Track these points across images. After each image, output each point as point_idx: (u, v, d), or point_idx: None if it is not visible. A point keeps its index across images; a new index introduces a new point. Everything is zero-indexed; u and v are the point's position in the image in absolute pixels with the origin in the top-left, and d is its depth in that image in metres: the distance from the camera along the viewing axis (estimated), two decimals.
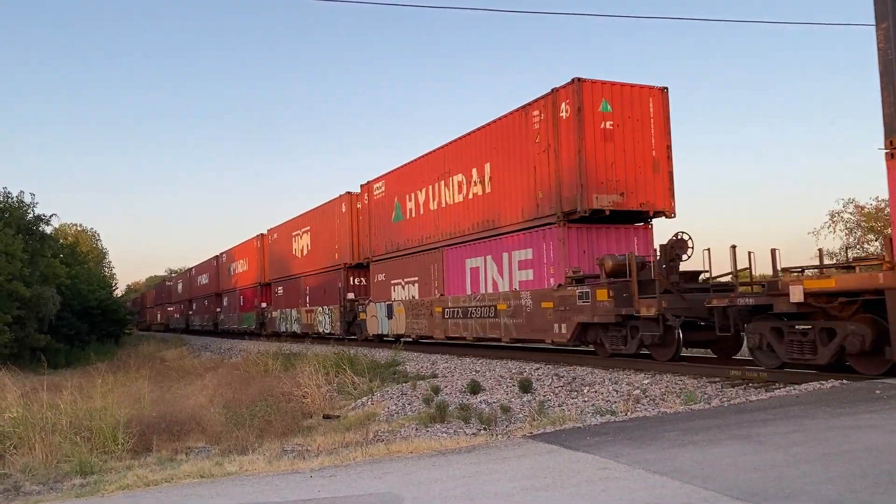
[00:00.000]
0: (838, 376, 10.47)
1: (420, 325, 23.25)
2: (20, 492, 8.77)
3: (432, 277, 22.76)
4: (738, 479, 5.12)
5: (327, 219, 32.39)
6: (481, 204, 20.26)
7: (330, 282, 31.57)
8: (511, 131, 18.79)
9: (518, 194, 18.47)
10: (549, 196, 17.13)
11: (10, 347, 28.24)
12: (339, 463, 7.36)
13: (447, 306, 21.57)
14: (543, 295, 17.08)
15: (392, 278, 25.72)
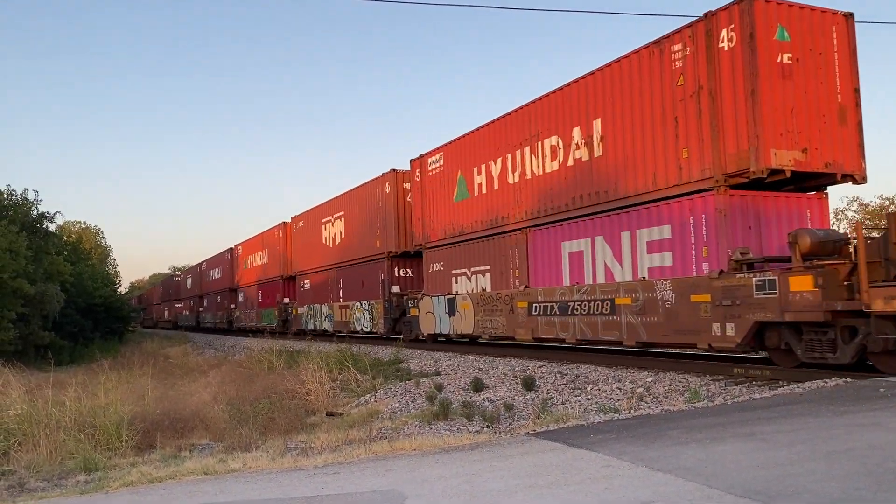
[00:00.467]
0: (842, 374, 10.45)
1: (495, 324, 19.14)
2: (25, 488, 8.80)
3: (511, 266, 18.72)
4: (742, 477, 5.11)
5: (366, 202, 28.42)
6: (586, 172, 16.19)
7: (369, 274, 27.87)
8: (635, 76, 14.88)
9: (646, 155, 14.56)
10: (700, 155, 13.34)
11: (14, 344, 28.30)
12: (343, 460, 7.37)
13: (536, 301, 17.43)
14: (694, 285, 13.19)
15: (453, 268, 21.65)
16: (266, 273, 42.46)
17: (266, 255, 42.76)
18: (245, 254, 47.91)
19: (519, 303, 18.13)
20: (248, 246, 47.51)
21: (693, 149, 13.52)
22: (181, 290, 72.00)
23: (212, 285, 57.15)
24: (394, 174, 26.34)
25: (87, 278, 46.98)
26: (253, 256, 45.71)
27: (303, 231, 36.68)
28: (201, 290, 61.66)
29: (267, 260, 42.53)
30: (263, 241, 43.54)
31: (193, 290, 64.69)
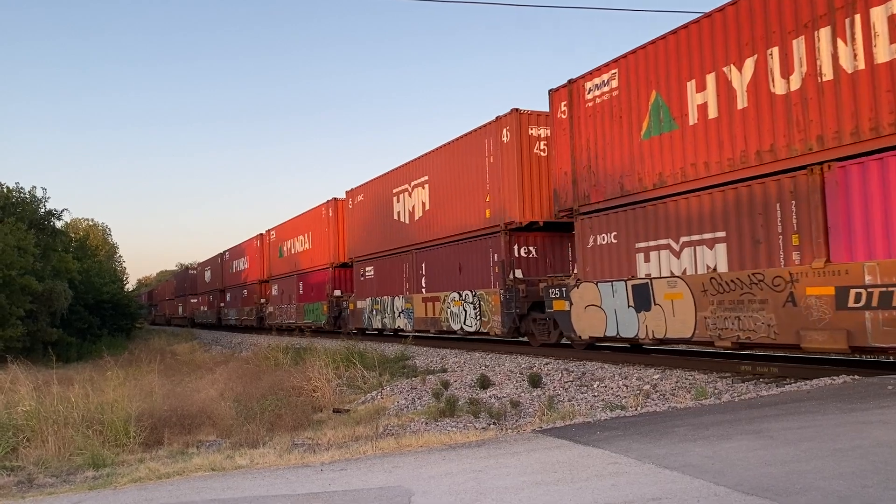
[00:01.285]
0: (850, 371, 10.42)
1: (749, 323, 12.04)
2: (34, 484, 8.85)
3: (780, 228, 11.72)
4: (749, 474, 5.10)
5: (467, 160, 21.41)
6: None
7: (472, 254, 21.11)
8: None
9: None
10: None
11: (22, 341, 28.43)
12: (350, 457, 7.40)
13: (859, 283, 10.39)
14: None
15: (640, 239, 14.52)
16: (310, 261, 36.06)
17: (309, 240, 36.42)
18: (281, 239, 41.46)
19: (811, 288, 11.09)
20: (283, 230, 41.17)
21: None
22: (198, 284, 65.33)
23: (237, 277, 50.05)
24: (516, 115, 19.12)
25: (94, 275, 47.13)
26: (291, 242, 39.47)
27: (363, 207, 29.77)
28: (223, 282, 54.85)
29: (310, 245, 36.25)
30: (306, 223, 37.14)
31: (213, 284, 57.53)
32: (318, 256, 34.85)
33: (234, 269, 50.71)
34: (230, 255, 53.51)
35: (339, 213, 32.89)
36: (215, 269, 58.35)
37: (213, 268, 58.35)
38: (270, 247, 44.02)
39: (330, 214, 33.55)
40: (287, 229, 40.50)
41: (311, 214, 36.36)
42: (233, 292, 52.96)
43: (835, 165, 10.92)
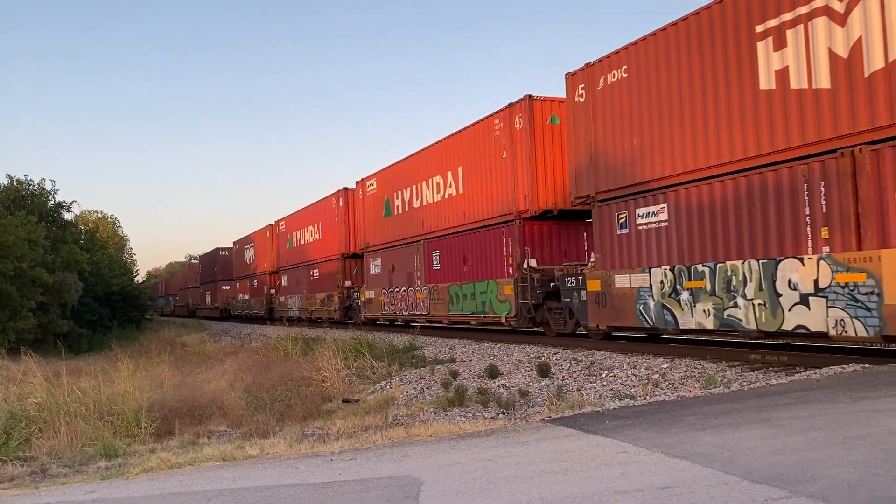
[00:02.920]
0: (860, 360, 10.39)
1: None
2: (47, 474, 8.92)
3: None
4: (759, 463, 5.11)
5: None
6: None
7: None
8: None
9: None
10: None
11: (33, 333, 28.65)
12: (359, 446, 7.43)
13: None
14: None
15: None
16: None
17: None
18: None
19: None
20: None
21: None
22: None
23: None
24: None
25: (104, 267, 47.40)
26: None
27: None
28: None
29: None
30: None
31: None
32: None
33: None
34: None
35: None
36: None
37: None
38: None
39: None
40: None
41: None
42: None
43: None
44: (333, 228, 33.91)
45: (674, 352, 14.12)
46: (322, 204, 35.84)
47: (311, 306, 36.56)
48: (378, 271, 28.74)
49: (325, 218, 35.19)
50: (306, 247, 38.06)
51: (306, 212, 38.52)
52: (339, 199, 33.33)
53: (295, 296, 40.10)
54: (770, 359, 12.14)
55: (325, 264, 35.04)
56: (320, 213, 35.93)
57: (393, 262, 27.28)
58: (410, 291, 25.58)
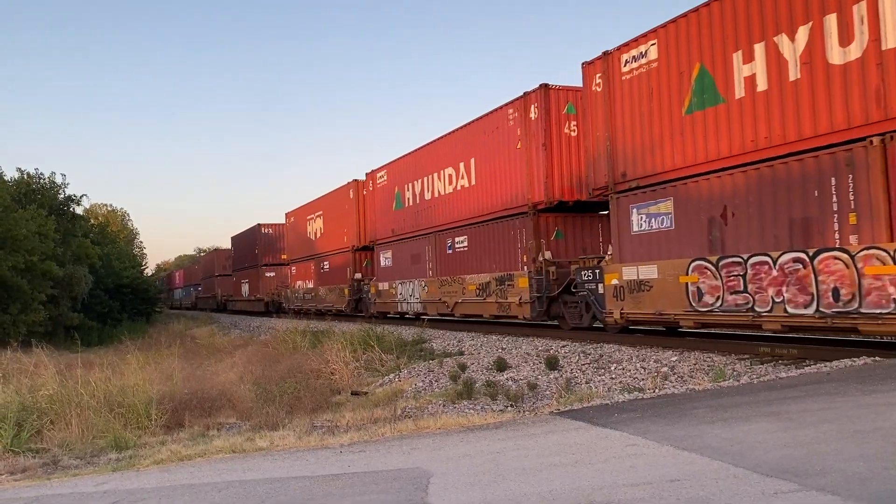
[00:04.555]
0: (871, 353, 10.33)
1: None
2: (59, 466, 8.99)
3: None
4: (768, 456, 5.09)
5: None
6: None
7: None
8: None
9: None
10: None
11: (44, 325, 28.82)
12: (368, 439, 7.46)
13: None
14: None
15: None
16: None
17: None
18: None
19: None
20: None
21: None
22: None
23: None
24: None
25: (114, 260, 47.62)
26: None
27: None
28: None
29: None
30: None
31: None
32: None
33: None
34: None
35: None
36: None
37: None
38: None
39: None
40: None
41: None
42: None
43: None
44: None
45: (683, 345, 14.09)
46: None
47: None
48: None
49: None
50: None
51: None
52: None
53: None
54: (780, 352, 12.09)
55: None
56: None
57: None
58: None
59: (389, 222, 28.31)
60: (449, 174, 23.27)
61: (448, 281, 23.04)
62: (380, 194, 29.41)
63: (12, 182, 33.37)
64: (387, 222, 28.59)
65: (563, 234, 18.99)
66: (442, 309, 23.45)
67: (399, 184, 27.41)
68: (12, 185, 32.66)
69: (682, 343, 14.22)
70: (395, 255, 27.69)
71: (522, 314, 18.97)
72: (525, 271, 18.88)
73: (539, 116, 18.46)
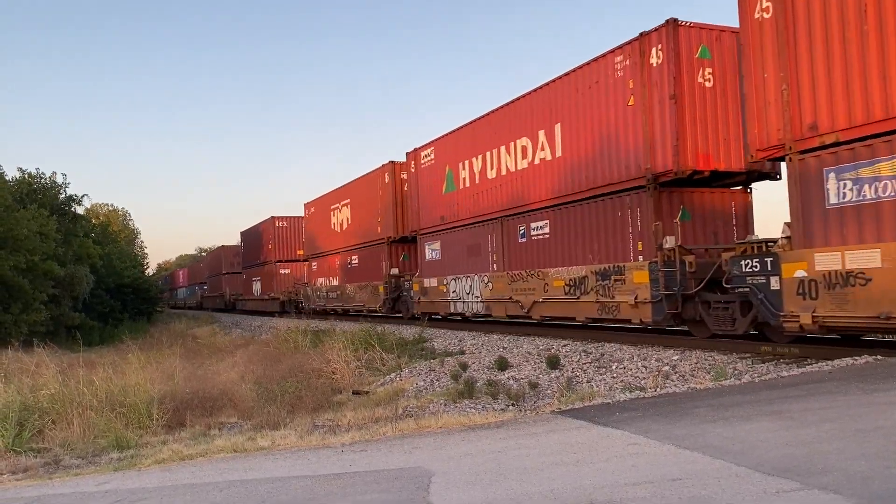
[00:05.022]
0: (872, 352, 10.32)
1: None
2: (60, 465, 9.00)
3: None
4: (770, 455, 5.09)
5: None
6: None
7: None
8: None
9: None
10: None
11: (46, 325, 28.84)
12: (370, 438, 7.46)
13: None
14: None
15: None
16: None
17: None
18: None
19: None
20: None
21: None
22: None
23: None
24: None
25: (115, 259, 47.66)
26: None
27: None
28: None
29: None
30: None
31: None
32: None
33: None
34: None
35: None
36: None
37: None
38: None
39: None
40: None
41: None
42: None
43: None
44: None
45: (684, 343, 14.09)
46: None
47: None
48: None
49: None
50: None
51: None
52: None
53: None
54: (781, 350, 12.08)
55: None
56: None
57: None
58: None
59: (437, 208, 23.99)
60: (522, 146, 19.06)
61: (522, 276, 18.94)
62: (425, 176, 24.98)
63: (13, 182, 33.39)
64: (434, 208, 24.27)
65: (691, 214, 14.90)
66: (513, 310, 19.44)
67: (451, 162, 23.11)
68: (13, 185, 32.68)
69: (683, 342, 14.21)
70: (446, 247, 23.59)
71: (639, 317, 14.80)
72: (642, 262, 14.73)
73: (665, 61, 14.38)
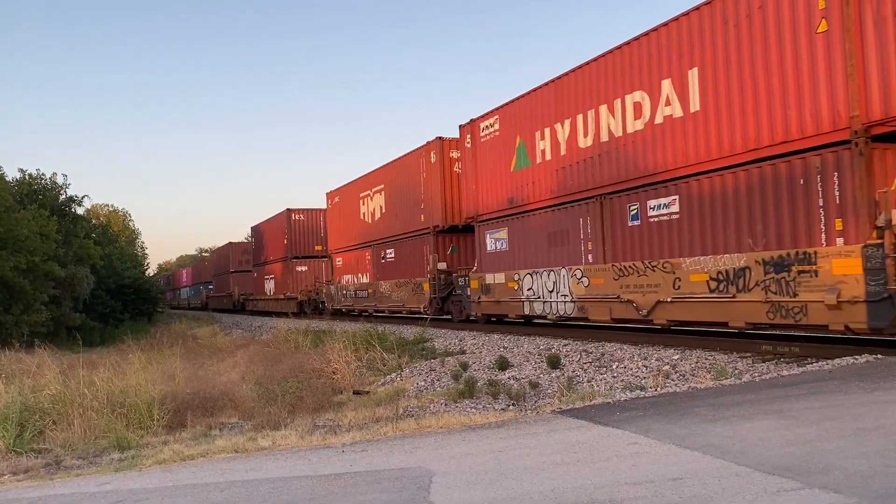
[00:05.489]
0: (872, 351, 10.32)
1: None
2: (61, 466, 9.00)
3: None
4: (771, 454, 5.09)
5: None
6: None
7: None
8: None
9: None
10: None
11: (46, 326, 28.86)
12: (370, 438, 7.46)
13: None
14: None
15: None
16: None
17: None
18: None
19: None
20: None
21: None
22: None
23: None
24: None
25: (116, 260, 47.68)
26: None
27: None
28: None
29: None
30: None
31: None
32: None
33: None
34: None
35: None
36: None
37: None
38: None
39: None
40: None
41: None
42: None
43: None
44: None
45: (684, 343, 14.09)
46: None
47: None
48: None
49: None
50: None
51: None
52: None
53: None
54: (782, 350, 12.08)
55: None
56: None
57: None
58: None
59: (504, 189, 19.93)
60: (635, 103, 15.07)
61: (636, 269, 14.91)
62: (486, 151, 20.84)
63: (14, 182, 33.42)
64: (499, 189, 20.22)
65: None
66: (622, 312, 15.40)
67: (523, 131, 18.95)
68: (14, 186, 32.70)
69: (683, 341, 14.21)
70: (516, 235, 19.43)
71: (844, 322, 10.76)
72: (848, 247, 10.65)
73: None
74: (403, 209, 26.78)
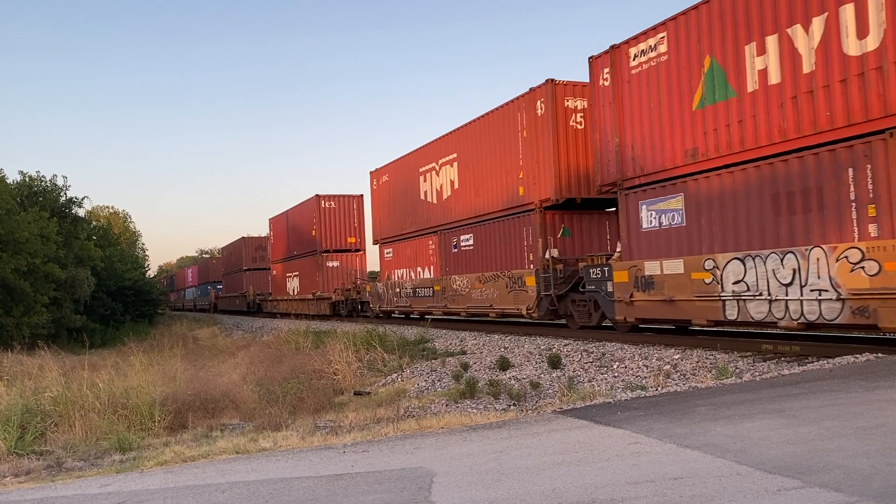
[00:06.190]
0: (873, 350, 10.33)
1: None
2: (62, 468, 9.00)
3: None
4: (771, 453, 5.10)
5: None
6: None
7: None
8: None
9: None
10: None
11: (47, 328, 28.89)
12: (371, 438, 7.46)
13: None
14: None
15: None
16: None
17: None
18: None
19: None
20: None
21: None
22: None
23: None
24: None
25: (116, 262, 47.72)
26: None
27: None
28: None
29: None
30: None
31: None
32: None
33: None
34: None
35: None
36: None
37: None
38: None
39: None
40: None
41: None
42: None
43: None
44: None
45: (685, 342, 14.09)
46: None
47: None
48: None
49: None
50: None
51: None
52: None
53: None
54: (782, 349, 12.09)
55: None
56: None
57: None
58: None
59: (676, 137, 14.02)
60: None
61: None
62: (639, 87, 14.96)
63: (14, 184, 33.45)
64: (665, 139, 14.29)
65: None
66: None
67: (718, 49, 12.98)
68: (14, 188, 32.73)
69: (684, 341, 14.22)
70: (701, 203, 13.45)
71: None
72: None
73: None
74: (489, 181, 21.11)
